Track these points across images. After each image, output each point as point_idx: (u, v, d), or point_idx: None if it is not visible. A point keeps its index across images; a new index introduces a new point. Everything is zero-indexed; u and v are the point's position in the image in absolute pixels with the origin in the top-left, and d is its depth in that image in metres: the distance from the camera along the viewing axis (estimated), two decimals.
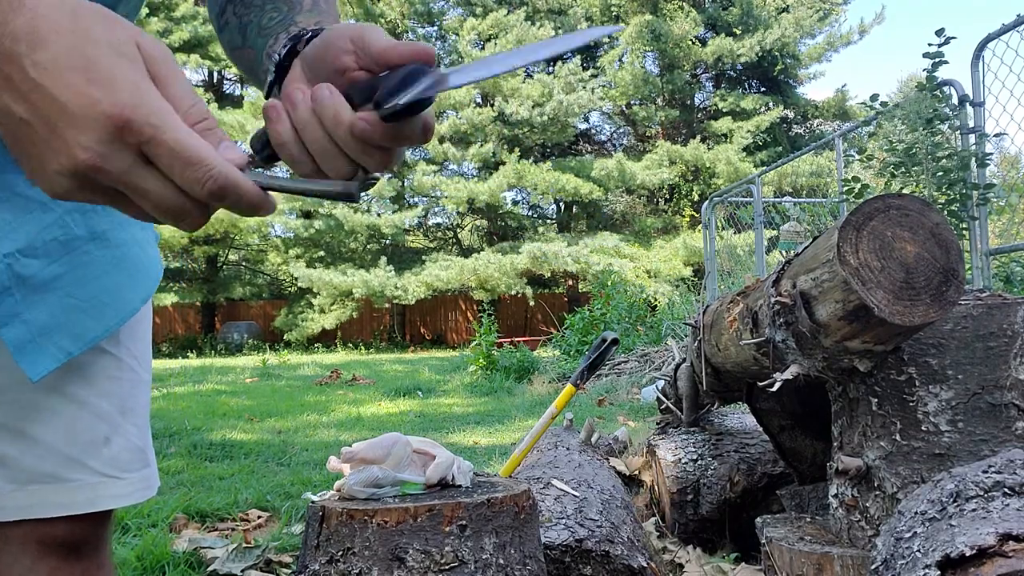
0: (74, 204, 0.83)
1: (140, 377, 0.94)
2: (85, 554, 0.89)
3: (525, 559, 1.09)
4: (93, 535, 0.90)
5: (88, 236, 0.84)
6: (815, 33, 23.84)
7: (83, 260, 0.84)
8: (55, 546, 0.86)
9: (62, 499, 0.85)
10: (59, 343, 0.82)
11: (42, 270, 0.81)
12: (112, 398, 0.89)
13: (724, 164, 21.13)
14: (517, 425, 5.10)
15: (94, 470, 0.87)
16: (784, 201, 9.90)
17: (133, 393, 0.92)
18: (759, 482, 2.19)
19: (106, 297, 0.86)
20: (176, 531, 2.47)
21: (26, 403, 0.83)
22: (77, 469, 0.86)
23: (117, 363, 0.90)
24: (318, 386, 8.63)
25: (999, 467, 1.04)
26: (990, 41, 4.46)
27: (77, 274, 0.83)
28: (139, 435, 0.93)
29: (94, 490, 0.87)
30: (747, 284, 1.85)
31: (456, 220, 25.11)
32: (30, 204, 0.80)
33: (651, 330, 9.03)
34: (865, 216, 1.26)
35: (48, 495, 0.84)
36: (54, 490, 0.85)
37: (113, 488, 0.89)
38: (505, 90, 21.29)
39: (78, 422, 0.86)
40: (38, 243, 0.80)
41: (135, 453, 0.92)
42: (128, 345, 0.92)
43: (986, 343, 1.33)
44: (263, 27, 0.78)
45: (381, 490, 1.11)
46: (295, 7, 0.79)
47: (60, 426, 0.85)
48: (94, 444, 0.87)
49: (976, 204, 4.54)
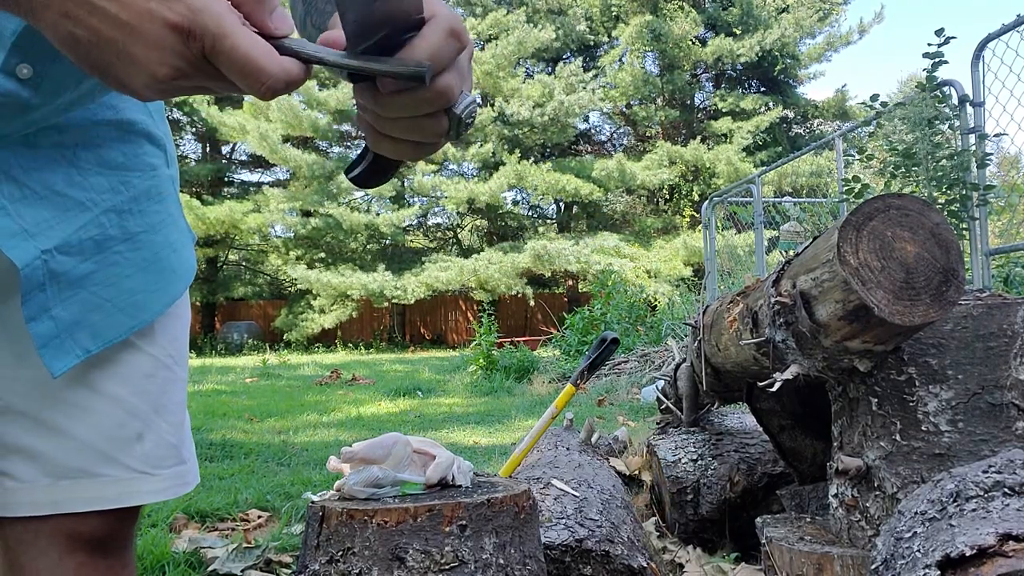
0: (110, 204, 0.84)
1: (176, 375, 0.94)
2: (112, 551, 0.90)
3: (525, 559, 1.09)
4: (120, 532, 0.91)
5: (121, 237, 0.85)
6: (815, 33, 23.84)
7: (114, 259, 0.85)
8: (83, 542, 0.87)
9: (93, 494, 0.86)
10: (81, 341, 0.83)
11: (75, 267, 0.82)
12: (146, 395, 0.90)
13: (724, 164, 21.13)
14: (517, 425, 5.10)
15: (126, 466, 0.88)
16: (784, 201, 9.90)
17: (167, 390, 0.92)
18: (759, 482, 2.19)
19: (131, 298, 0.87)
20: (176, 531, 2.47)
21: (60, 398, 0.84)
22: (109, 465, 0.87)
23: (152, 361, 0.90)
24: (318, 386, 8.63)
25: (999, 467, 1.04)
26: (990, 41, 4.45)
27: (106, 273, 0.84)
28: (173, 432, 0.93)
29: (127, 485, 0.88)
30: (747, 284, 1.85)
31: (456, 220, 25.11)
32: (68, 203, 0.81)
33: (651, 330, 9.03)
34: (865, 216, 1.26)
35: (80, 490, 0.85)
36: (86, 485, 0.86)
37: (145, 484, 0.90)
38: (505, 90, 21.29)
39: (111, 418, 0.87)
40: (74, 241, 0.81)
41: (168, 450, 0.92)
42: (163, 343, 0.92)
43: (986, 343, 1.33)
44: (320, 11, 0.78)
45: (381, 490, 1.11)
46: None
47: (93, 422, 0.86)
48: (127, 440, 0.88)
49: (976, 204, 4.54)
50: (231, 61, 0.49)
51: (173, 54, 0.49)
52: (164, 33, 0.48)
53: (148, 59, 0.49)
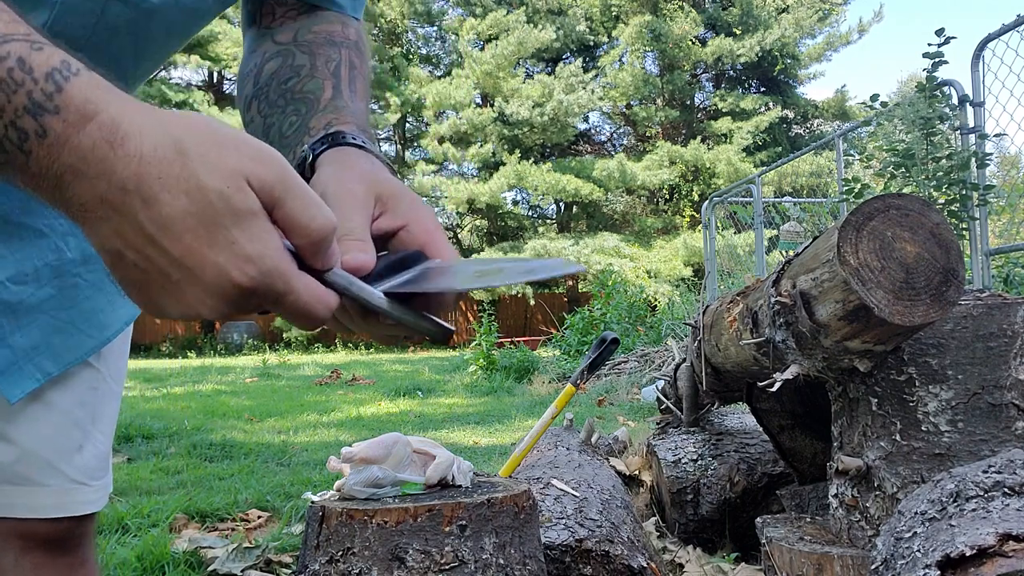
0: (70, 227, 0.83)
1: (112, 389, 0.96)
2: (68, 550, 0.92)
3: (525, 559, 1.09)
4: (76, 532, 0.93)
5: (81, 259, 0.86)
6: (815, 33, 23.85)
7: (72, 282, 0.85)
8: (39, 541, 0.89)
9: (33, 502, 0.88)
10: (40, 364, 0.84)
11: (32, 295, 0.82)
12: (87, 407, 0.91)
13: (724, 164, 21.13)
14: (517, 425, 5.10)
15: (67, 476, 0.90)
16: (784, 201, 9.90)
17: (104, 401, 0.94)
18: (759, 482, 2.19)
19: (92, 318, 0.87)
20: (176, 531, 2.47)
21: (7, 408, 0.85)
22: (52, 474, 0.88)
23: (96, 375, 0.92)
24: (318, 386, 8.63)
25: (999, 467, 1.04)
26: (990, 41, 4.45)
27: (65, 296, 0.85)
28: (105, 442, 0.96)
29: (66, 495, 0.90)
30: (747, 284, 1.85)
31: (456, 220, 25.11)
32: (23, 231, 0.80)
33: (651, 330, 9.03)
34: (865, 216, 1.26)
35: (21, 497, 0.87)
36: (27, 492, 0.87)
37: (81, 495, 0.91)
38: (505, 90, 21.29)
39: (57, 429, 0.88)
40: (28, 269, 0.81)
41: (101, 460, 0.95)
42: (110, 359, 0.94)
43: (986, 343, 1.33)
44: (283, 135, 0.76)
45: (381, 490, 1.11)
46: (312, 106, 0.76)
47: (39, 432, 0.87)
48: (69, 451, 0.89)
49: (976, 204, 4.54)
50: (289, 312, 0.49)
51: (228, 303, 0.47)
52: (228, 287, 0.46)
53: (199, 301, 0.47)
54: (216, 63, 21.50)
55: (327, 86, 0.78)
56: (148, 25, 0.74)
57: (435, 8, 23.94)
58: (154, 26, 0.75)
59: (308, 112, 0.75)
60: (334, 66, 0.80)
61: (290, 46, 0.82)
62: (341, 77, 0.80)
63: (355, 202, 0.62)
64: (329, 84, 0.78)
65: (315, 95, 0.77)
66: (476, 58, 21.63)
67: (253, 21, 0.88)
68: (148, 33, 0.76)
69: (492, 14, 21.98)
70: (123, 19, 0.71)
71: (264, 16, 0.87)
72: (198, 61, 20.94)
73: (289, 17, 0.86)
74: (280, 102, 0.78)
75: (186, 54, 20.51)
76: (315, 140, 0.70)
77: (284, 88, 0.79)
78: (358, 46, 0.85)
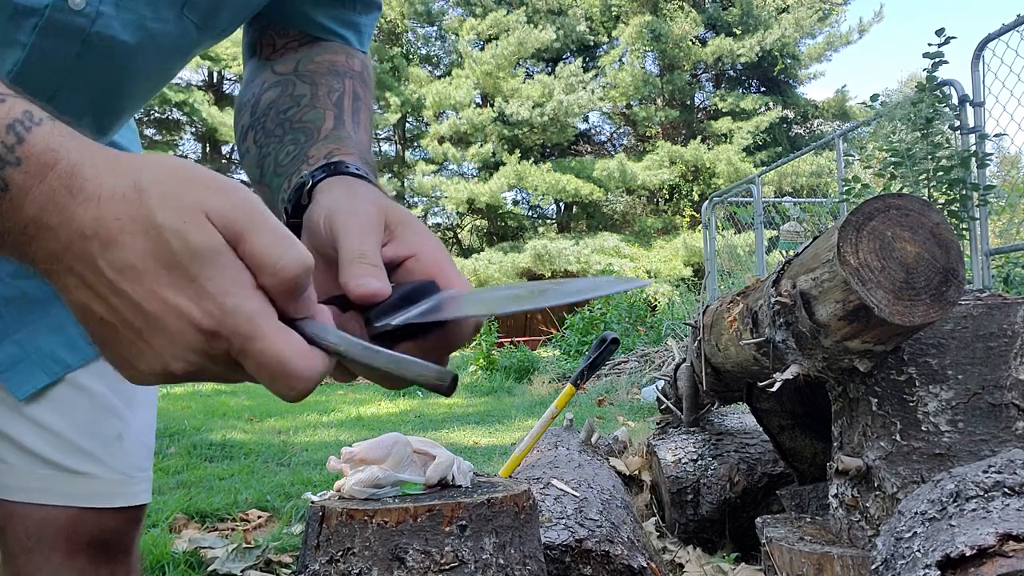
0: None
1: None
2: (113, 556, 0.90)
3: (525, 559, 1.09)
4: (122, 536, 0.91)
5: None
6: (815, 33, 23.86)
7: None
8: (83, 546, 0.87)
9: (78, 490, 0.86)
10: (58, 356, 0.83)
11: (36, 288, 0.81)
12: (122, 395, 0.90)
13: (724, 164, 21.14)
14: (517, 425, 5.10)
15: (110, 466, 0.88)
16: (784, 201, 9.90)
17: (137, 389, 0.92)
18: (759, 482, 2.19)
19: None
20: (176, 531, 2.47)
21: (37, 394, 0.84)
22: (93, 463, 0.87)
23: None
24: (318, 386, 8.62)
25: (999, 467, 1.04)
26: (990, 41, 4.45)
27: None
28: (146, 432, 0.94)
29: (116, 486, 0.88)
30: (747, 284, 1.85)
31: (456, 220, 25.11)
32: None
33: (651, 330, 9.03)
34: (865, 216, 1.26)
35: (64, 484, 0.86)
36: (70, 480, 0.86)
37: (128, 487, 0.90)
38: (505, 90, 21.29)
39: (90, 415, 0.87)
40: None
41: (144, 450, 0.93)
42: None
43: (986, 343, 1.33)
44: (279, 164, 0.71)
45: (381, 490, 1.11)
46: (312, 136, 0.72)
47: (74, 419, 0.86)
48: (108, 439, 0.88)
49: (976, 204, 4.54)
50: (259, 364, 0.44)
51: (194, 352, 0.44)
52: (189, 332, 0.43)
53: (164, 351, 0.44)
54: (216, 63, 21.51)
55: (328, 116, 0.74)
56: (128, 65, 0.71)
57: (435, 8, 23.95)
58: (134, 66, 0.72)
59: (307, 141, 0.71)
60: (336, 96, 0.77)
61: (291, 76, 0.79)
62: (344, 108, 0.76)
63: (367, 225, 0.58)
64: (331, 115, 0.74)
65: (315, 125, 0.73)
66: (476, 58, 21.64)
67: (254, 52, 0.85)
68: (129, 73, 0.72)
69: (492, 14, 21.98)
70: (99, 61, 0.68)
71: (264, 47, 0.84)
72: (198, 61, 20.94)
73: (291, 48, 0.82)
74: (278, 131, 0.74)
75: None
76: (315, 168, 0.66)
77: (283, 118, 0.75)
78: (363, 77, 0.81)
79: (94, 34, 0.65)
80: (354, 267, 0.53)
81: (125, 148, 0.92)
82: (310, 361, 0.45)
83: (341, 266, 0.55)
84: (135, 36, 0.68)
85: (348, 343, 0.47)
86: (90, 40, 0.66)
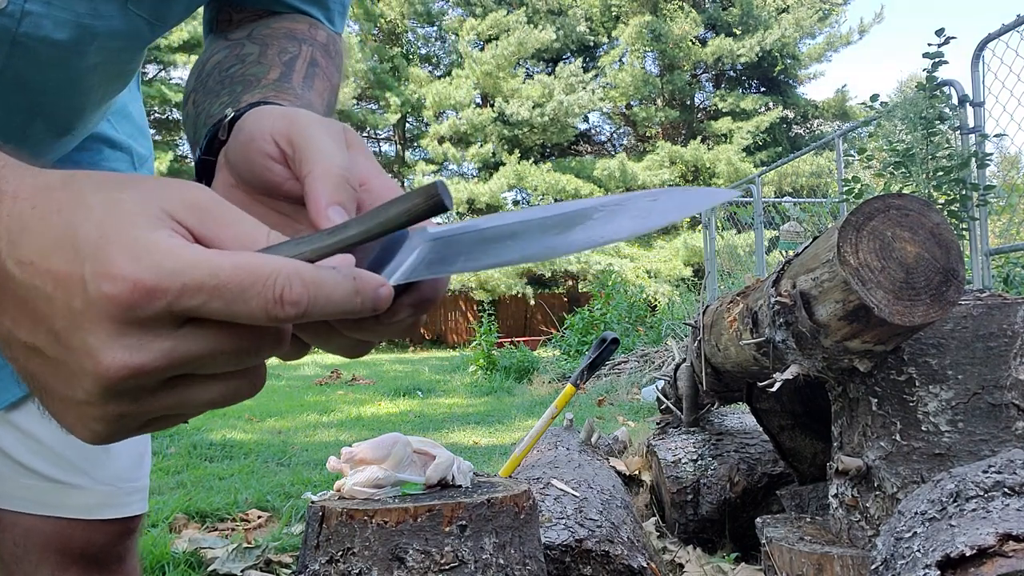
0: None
1: None
2: (106, 566, 0.89)
3: (525, 559, 1.09)
4: (115, 546, 0.90)
5: None
6: (815, 33, 23.85)
7: None
8: (75, 557, 0.86)
9: (67, 502, 0.85)
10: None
11: None
12: None
13: (724, 164, 21.14)
14: (517, 425, 5.10)
15: (95, 478, 0.87)
16: (784, 201, 9.91)
17: None
18: (759, 482, 2.19)
19: None
20: (176, 531, 2.47)
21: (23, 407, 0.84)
22: (78, 474, 0.86)
23: None
24: (318, 386, 8.62)
25: (999, 467, 1.04)
26: (990, 41, 4.45)
27: None
28: (138, 440, 0.93)
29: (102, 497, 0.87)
30: (747, 284, 1.85)
31: (456, 221, 25.11)
32: None
33: (651, 330, 9.03)
34: (865, 216, 1.26)
35: (52, 495, 0.85)
36: (59, 491, 0.85)
37: (116, 498, 0.89)
38: (505, 90, 21.30)
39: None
40: None
41: (133, 460, 0.92)
42: None
43: (986, 343, 1.33)
44: (210, 116, 0.61)
45: (381, 490, 1.11)
46: (249, 86, 0.63)
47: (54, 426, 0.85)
48: (93, 451, 0.87)
49: (976, 204, 4.54)
50: (216, 288, 0.34)
51: (121, 330, 0.34)
52: (107, 301, 0.33)
53: (89, 347, 0.34)
54: None
55: (274, 70, 0.66)
56: (72, 64, 0.68)
57: (435, 8, 23.95)
58: (82, 64, 0.68)
59: (243, 91, 0.62)
60: (288, 57, 0.68)
61: (242, 39, 0.72)
62: (295, 69, 0.67)
63: (337, 135, 0.48)
64: (277, 70, 0.66)
65: (256, 77, 0.64)
66: (476, 58, 21.64)
67: (211, 28, 0.81)
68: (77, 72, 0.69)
69: (492, 14, 21.98)
70: (34, 62, 0.66)
71: (221, 22, 0.79)
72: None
73: (248, 20, 0.77)
74: (216, 88, 0.65)
75: (186, 54, 20.51)
76: (243, 107, 0.55)
77: (224, 75, 0.67)
78: (327, 48, 0.73)
79: (22, 34, 0.63)
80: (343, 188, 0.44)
81: (128, 145, 0.91)
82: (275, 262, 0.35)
83: (319, 180, 0.44)
84: (71, 34, 0.65)
85: (308, 239, 0.38)
86: (19, 41, 0.63)
